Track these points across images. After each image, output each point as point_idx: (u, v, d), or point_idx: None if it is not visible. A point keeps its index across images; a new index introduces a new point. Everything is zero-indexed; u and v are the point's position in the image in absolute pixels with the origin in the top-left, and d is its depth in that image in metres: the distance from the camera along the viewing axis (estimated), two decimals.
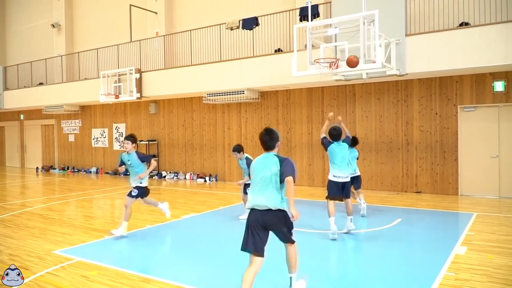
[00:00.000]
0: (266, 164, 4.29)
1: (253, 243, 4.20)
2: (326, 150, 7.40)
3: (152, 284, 5.06)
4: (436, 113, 11.42)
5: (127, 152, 7.49)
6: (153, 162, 7.67)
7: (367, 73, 10.13)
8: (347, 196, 7.37)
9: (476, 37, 9.59)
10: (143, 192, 7.64)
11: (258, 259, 4.21)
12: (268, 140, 4.38)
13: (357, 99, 12.53)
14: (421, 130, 11.64)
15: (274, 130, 4.47)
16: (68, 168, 20.61)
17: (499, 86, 10.53)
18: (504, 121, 10.74)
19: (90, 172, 19.53)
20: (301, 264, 5.85)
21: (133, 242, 7.27)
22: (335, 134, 7.25)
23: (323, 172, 13.20)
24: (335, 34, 9.59)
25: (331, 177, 7.31)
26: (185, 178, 16.28)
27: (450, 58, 9.91)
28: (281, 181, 4.19)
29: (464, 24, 10.38)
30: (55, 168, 21.17)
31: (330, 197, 7.24)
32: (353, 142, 8.74)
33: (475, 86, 10.90)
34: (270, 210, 4.21)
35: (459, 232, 7.46)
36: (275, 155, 4.35)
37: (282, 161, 4.25)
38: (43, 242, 7.13)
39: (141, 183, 7.57)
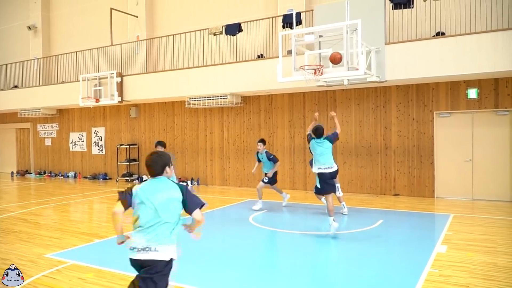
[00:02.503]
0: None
1: None
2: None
3: None
4: (413, 119, 11.88)
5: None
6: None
7: (348, 80, 10.48)
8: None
9: (451, 47, 10.07)
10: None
11: None
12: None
13: (337, 104, 12.90)
14: (399, 135, 12.08)
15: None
16: (44, 173, 20.27)
17: (472, 93, 11.06)
18: (477, 126, 11.28)
19: (68, 176, 19.28)
20: (288, 263, 6.08)
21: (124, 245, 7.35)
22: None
23: (304, 176, 13.49)
24: (319, 42, 9.92)
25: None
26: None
27: (426, 66, 10.37)
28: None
29: (440, 34, 10.88)
30: (31, 173, 20.80)
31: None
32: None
33: (450, 93, 11.41)
34: None
35: (439, 232, 7.84)
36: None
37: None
38: (32, 246, 7.12)
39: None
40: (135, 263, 3.67)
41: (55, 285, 5.22)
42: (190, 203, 3.65)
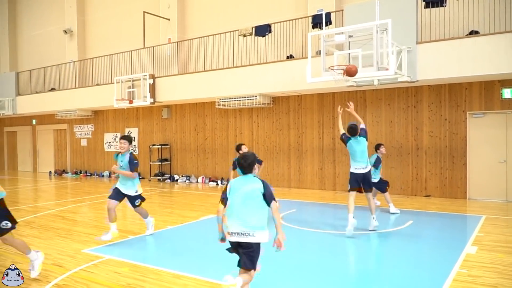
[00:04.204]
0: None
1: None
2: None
3: (183, 279, 5.36)
4: (446, 119, 11.70)
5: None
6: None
7: (378, 80, 10.43)
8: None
9: (485, 46, 9.86)
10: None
11: None
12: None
13: (367, 104, 12.83)
14: (430, 135, 11.91)
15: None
16: (80, 172, 20.97)
17: (507, 93, 10.80)
18: None
19: (103, 176, 19.88)
20: (318, 261, 6.15)
21: (158, 241, 7.61)
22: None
23: (333, 176, 13.48)
24: (349, 42, 9.92)
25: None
26: (197, 182, 16.59)
27: (459, 66, 10.19)
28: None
29: (473, 33, 10.68)
30: (68, 172, 21.55)
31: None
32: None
33: (483, 93, 11.18)
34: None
35: (469, 233, 7.73)
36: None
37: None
38: (70, 242, 7.45)
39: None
40: None
41: (93, 278, 5.47)
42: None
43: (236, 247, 4.21)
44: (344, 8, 11.52)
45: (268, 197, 4.15)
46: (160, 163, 17.60)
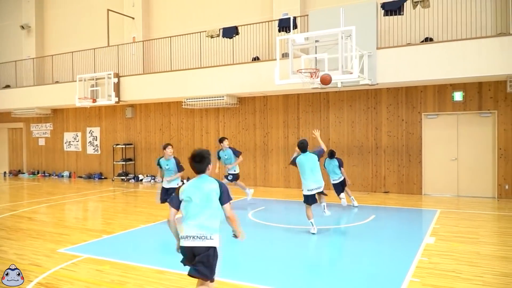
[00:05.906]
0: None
1: None
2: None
3: (166, 275, 5.58)
4: (403, 120, 12.44)
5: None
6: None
7: (342, 82, 10.95)
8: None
9: (438, 52, 10.63)
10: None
11: None
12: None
13: (330, 105, 13.40)
14: (389, 135, 12.63)
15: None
16: (38, 173, 20.41)
17: (458, 96, 11.67)
18: (462, 127, 11.89)
19: (63, 176, 19.46)
20: (285, 256, 6.51)
21: (134, 240, 7.75)
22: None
23: (298, 175, 13.90)
24: (315, 46, 10.38)
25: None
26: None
27: (415, 70, 10.92)
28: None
29: (428, 39, 11.44)
30: (24, 173, 20.91)
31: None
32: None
33: (437, 95, 11.99)
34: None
35: (427, 225, 8.39)
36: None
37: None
38: (43, 242, 7.44)
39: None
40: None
41: (75, 276, 5.58)
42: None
43: None
44: (309, 13, 12.00)
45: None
46: (124, 162, 17.48)
